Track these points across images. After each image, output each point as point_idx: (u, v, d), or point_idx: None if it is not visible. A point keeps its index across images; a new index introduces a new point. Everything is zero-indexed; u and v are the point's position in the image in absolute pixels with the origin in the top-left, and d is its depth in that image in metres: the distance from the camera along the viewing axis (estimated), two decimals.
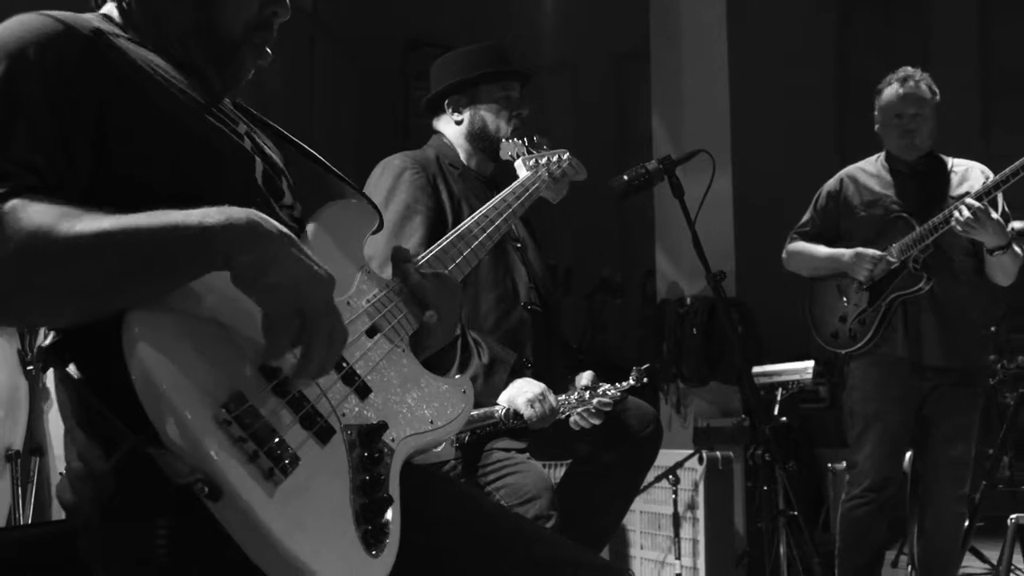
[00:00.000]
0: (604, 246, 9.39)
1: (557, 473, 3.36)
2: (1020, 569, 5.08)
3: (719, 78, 6.77)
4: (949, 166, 4.20)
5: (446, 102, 3.31)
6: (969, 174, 4.14)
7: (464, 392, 1.72)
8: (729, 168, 6.44)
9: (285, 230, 1.37)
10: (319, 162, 1.88)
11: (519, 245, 3.24)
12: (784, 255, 4.43)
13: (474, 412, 2.80)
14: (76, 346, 1.43)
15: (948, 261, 4.03)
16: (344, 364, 1.51)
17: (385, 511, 1.40)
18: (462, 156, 3.28)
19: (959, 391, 4.05)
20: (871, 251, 4.07)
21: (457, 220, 3.05)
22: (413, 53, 7.89)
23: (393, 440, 1.51)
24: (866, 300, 4.12)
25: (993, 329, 5.64)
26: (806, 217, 4.41)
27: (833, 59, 9.54)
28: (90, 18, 1.58)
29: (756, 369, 5.50)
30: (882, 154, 4.31)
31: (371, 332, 1.62)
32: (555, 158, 2.79)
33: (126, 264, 1.31)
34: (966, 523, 4.17)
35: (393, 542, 1.38)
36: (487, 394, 2.88)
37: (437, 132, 3.35)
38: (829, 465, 5.87)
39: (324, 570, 1.29)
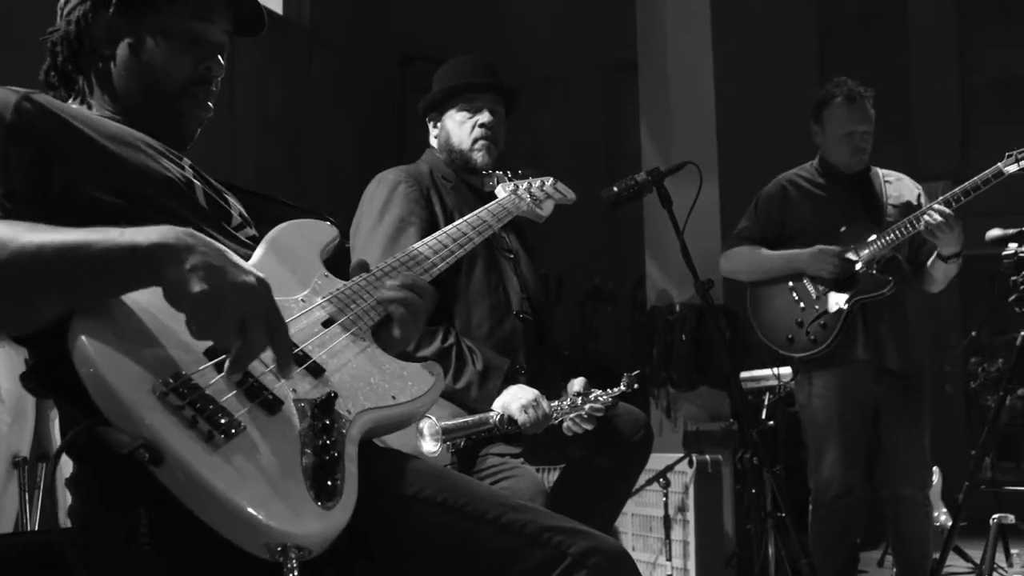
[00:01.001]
0: (595, 255, 9.40)
1: (550, 477, 3.38)
2: (1002, 568, 5.11)
3: (706, 93, 6.79)
4: (881, 176, 4.22)
5: (427, 119, 3.38)
6: (902, 185, 4.17)
7: (431, 373, 1.77)
8: (716, 179, 6.47)
9: (214, 243, 1.45)
10: (269, 198, 2.06)
11: (512, 256, 3.26)
12: (724, 260, 4.39)
13: (469, 418, 2.82)
14: (45, 369, 1.55)
15: (900, 266, 4.05)
16: (295, 347, 1.57)
17: (336, 470, 1.43)
18: (452, 169, 3.31)
19: (911, 395, 4.06)
20: (833, 248, 4.05)
21: None
22: (408, 67, 7.90)
23: (349, 412, 1.56)
24: (827, 303, 4.11)
25: (975, 334, 5.68)
26: (746, 223, 4.37)
27: (816, 73, 9.57)
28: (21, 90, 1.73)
29: (743, 374, 5.54)
30: (815, 162, 4.32)
31: (327, 323, 1.69)
32: (538, 183, 2.81)
33: (64, 274, 1.41)
34: (949, 524, 4.18)
35: (348, 499, 1.41)
36: (482, 400, 2.90)
37: (430, 147, 3.39)
38: None
39: (270, 518, 1.31)
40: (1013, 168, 3.79)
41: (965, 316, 6.06)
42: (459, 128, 3.29)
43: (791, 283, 4.20)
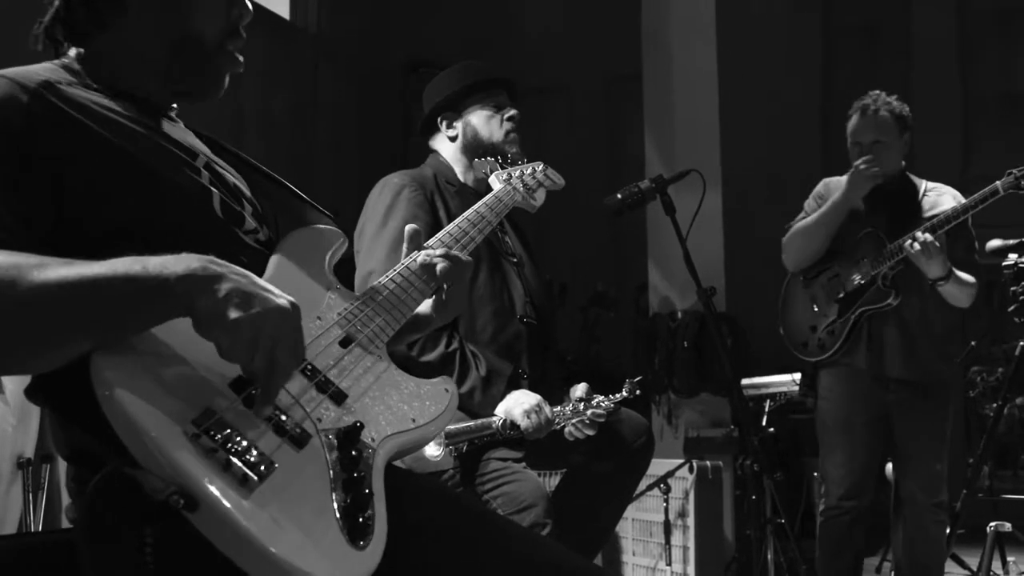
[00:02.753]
0: (599, 261, 9.38)
1: (552, 482, 3.36)
2: (999, 575, 5.08)
3: (709, 102, 6.78)
4: (922, 189, 4.20)
5: (439, 120, 3.32)
6: (941, 199, 4.13)
7: (446, 391, 1.71)
8: (719, 187, 6.45)
9: (240, 270, 1.39)
10: (284, 186, 1.91)
11: (515, 260, 3.24)
12: (784, 241, 4.36)
13: (472, 423, 2.79)
14: (52, 386, 1.46)
15: (915, 278, 4.03)
16: (317, 373, 1.52)
17: (367, 506, 1.39)
18: (459, 173, 3.28)
19: (925, 404, 4.05)
20: (860, 161, 4.05)
21: None
22: (412, 75, 7.89)
23: (373, 439, 1.51)
24: (836, 311, 4.12)
25: (975, 343, 5.65)
26: (801, 215, 4.38)
27: (819, 84, 9.56)
28: (40, 71, 1.58)
29: (744, 381, 5.51)
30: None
31: (344, 343, 1.62)
32: (529, 170, 2.73)
33: (87, 313, 1.34)
34: (947, 530, 4.16)
35: (379, 535, 1.37)
36: (485, 405, 2.88)
37: (433, 151, 3.36)
38: (816, 474, 5.86)
39: (307, 565, 1.28)
40: (1007, 185, 3.77)
41: (965, 326, 6.02)
42: (487, 123, 3.27)
43: (812, 291, 4.25)
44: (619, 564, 5.31)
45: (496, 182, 2.56)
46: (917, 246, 3.82)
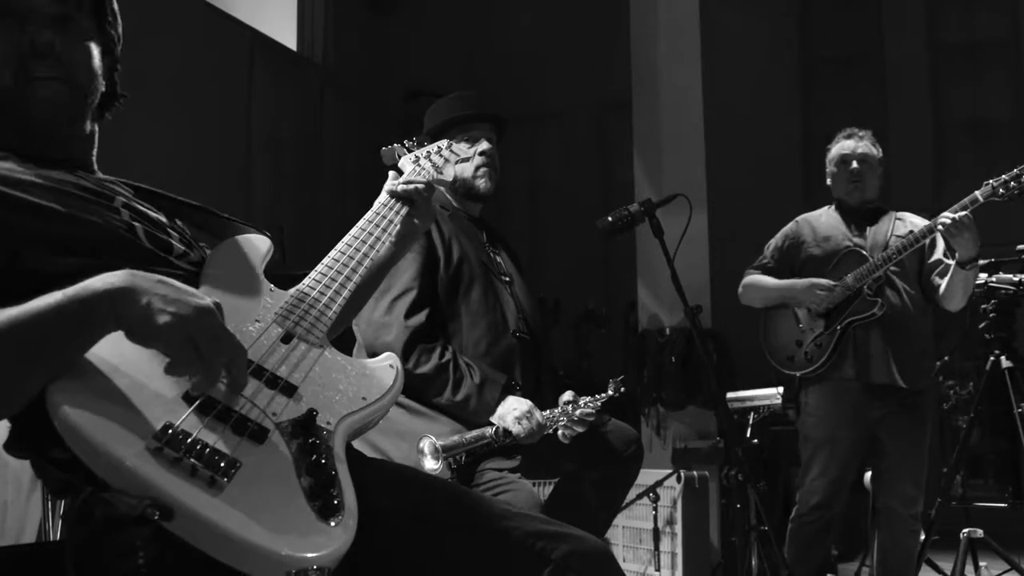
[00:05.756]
0: (590, 280, 9.39)
1: (545, 491, 3.35)
2: None
3: (695, 129, 6.81)
4: (894, 216, 4.24)
5: None
6: (911, 222, 4.17)
7: (391, 366, 1.74)
8: (705, 211, 6.48)
9: (159, 276, 1.40)
10: (204, 209, 1.91)
11: (507, 279, 3.25)
12: (740, 289, 4.42)
13: (467, 435, 2.80)
14: (25, 435, 1.49)
15: (897, 289, 4.05)
16: (263, 371, 1.54)
17: (333, 485, 1.40)
18: (451, 198, 3.30)
19: (909, 416, 4.05)
20: (824, 281, 4.09)
21: (448, 257, 3.09)
22: (412, 102, 7.91)
23: (329, 423, 1.52)
24: (822, 325, 4.13)
25: (947, 358, 5.66)
26: (765, 257, 4.42)
27: (798, 113, 9.59)
28: None
29: (730, 395, 5.51)
30: (832, 205, 4.36)
31: (286, 339, 1.64)
32: (435, 149, 2.51)
33: (23, 350, 1.35)
34: (921, 538, 4.16)
35: (349, 511, 1.38)
36: (480, 411, 2.88)
37: None
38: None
39: (288, 547, 1.29)
40: (986, 194, 3.78)
41: (938, 341, 6.03)
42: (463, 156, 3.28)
43: (793, 308, 4.25)
44: None
45: (406, 164, 2.50)
46: (949, 221, 3.79)
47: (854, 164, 4.20)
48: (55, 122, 1.68)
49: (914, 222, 4.15)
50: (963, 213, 3.76)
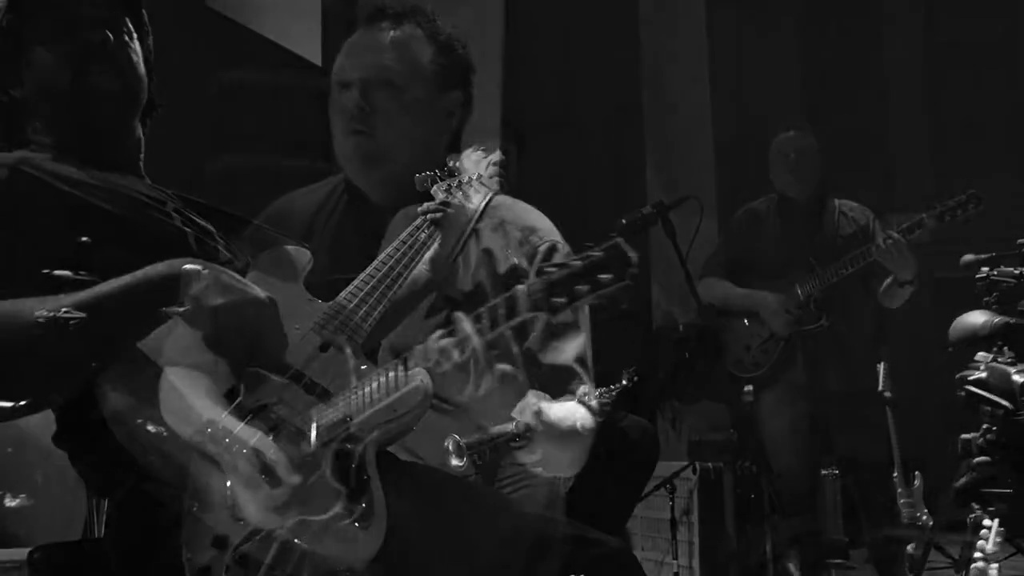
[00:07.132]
0: None
1: (566, 484, 3.38)
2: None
3: (705, 132, 6.83)
4: (836, 207, 4.20)
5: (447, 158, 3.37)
6: (855, 213, 4.14)
7: (421, 381, 1.72)
8: (715, 212, 6.47)
9: (217, 266, 1.47)
10: (248, 221, 1.96)
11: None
12: (705, 281, 4.36)
13: (490, 431, 2.82)
14: (72, 428, 1.56)
15: (843, 297, 4.03)
16: (302, 376, 1.58)
17: (365, 492, 1.43)
18: None
19: (859, 415, 4.04)
20: (792, 305, 4.07)
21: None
22: None
23: (362, 431, 1.55)
24: (768, 330, 4.10)
25: (950, 350, 5.65)
26: (716, 249, 4.40)
27: (804, 113, 9.57)
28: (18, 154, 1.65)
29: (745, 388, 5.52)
30: (774, 196, 4.31)
31: (323, 347, 1.67)
32: (466, 179, 2.40)
33: (89, 329, 1.40)
34: (931, 522, 4.17)
35: (380, 515, 1.41)
36: (502, 406, 2.90)
37: None
38: None
39: (325, 550, 1.35)
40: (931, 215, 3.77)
41: (942, 335, 6.04)
42: (475, 167, 3.30)
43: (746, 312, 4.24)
44: None
45: (439, 194, 2.54)
46: (890, 241, 3.78)
47: (793, 154, 4.15)
48: (112, 119, 1.74)
49: (859, 213, 4.11)
50: (896, 236, 3.76)
